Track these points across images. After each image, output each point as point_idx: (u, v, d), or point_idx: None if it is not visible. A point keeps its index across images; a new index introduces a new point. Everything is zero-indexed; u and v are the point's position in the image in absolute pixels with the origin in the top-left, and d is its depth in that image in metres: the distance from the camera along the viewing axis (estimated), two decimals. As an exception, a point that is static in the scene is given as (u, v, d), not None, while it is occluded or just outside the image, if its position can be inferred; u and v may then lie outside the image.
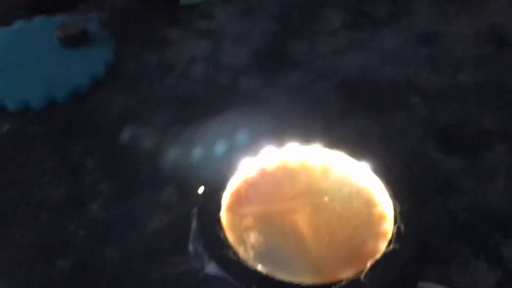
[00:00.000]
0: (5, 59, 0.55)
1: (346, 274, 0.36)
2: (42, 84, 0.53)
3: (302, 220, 0.40)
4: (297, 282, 0.35)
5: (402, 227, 0.39)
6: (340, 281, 0.35)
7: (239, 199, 0.42)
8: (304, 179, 0.44)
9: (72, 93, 0.52)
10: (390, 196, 0.41)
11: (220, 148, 0.47)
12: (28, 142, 0.49)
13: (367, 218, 0.41)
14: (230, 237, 0.38)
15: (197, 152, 0.48)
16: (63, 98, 0.52)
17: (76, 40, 0.56)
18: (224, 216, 0.40)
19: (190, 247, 0.38)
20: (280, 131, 0.49)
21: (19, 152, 0.48)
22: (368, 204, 0.42)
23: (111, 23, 0.63)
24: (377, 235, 0.39)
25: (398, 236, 0.38)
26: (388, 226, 0.40)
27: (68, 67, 0.55)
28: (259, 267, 0.36)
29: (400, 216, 0.39)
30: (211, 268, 0.36)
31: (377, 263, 0.36)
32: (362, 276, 0.36)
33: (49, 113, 0.51)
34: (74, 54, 0.56)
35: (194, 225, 0.39)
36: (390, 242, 0.38)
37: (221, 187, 0.41)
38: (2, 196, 0.44)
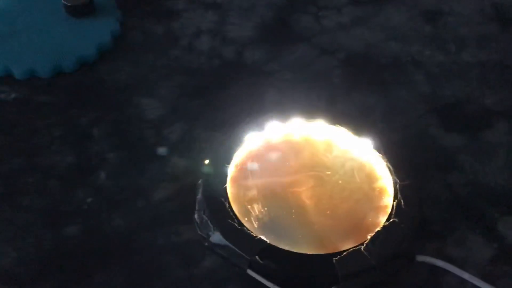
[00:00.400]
0: (11, 26, 0.55)
1: (347, 245, 0.37)
2: (48, 52, 0.53)
3: (305, 193, 0.41)
4: (299, 252, 0.37)
5: (402, 202, 0.40)
6: (341, 252, 0.37)
7: (244, 171, 0.43)
8: (308, 154, 0.44)
9: (79, 63, 0.53)
10: (391, 171, 0.42)
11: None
12: (35, 110, 0.49)
13: (368, 192, 0.42)
14: (235, 208, 0.39)
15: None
16: (70, 67, 0.52)
17: (83, 9, 0.56)
18: (229, 187, 0.41)
19: (196, 217, 0.39)
20: (285, 105, 0.50)
21: (27, 120, 0.48)
22: (369, 179, 0.43)
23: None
24: (378, 209, 0.41)
25: (397, 210, 0.39)
26: (388, 201, 0.41)
27: (74, 36, 0.55)
28: (263, 237, 0.37)
29: (400, 191, 0.40)
30: (216, 237, 0.38)
31: (377, 236, 0.38)
32: (362, 248, 0.37)
33: (56, 82, 0.52)
34: (80, 23, 0.56)
35: (199, 195, 0.40)
36: (390, 216, 0.39)
37: (226, 162, 0.42)
38: (11, 163, 0.45)
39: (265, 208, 0.40)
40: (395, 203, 0.40)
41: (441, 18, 0.61)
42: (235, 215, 0.39)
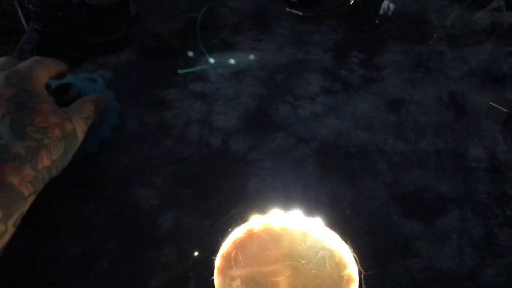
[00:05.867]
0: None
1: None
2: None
3: (283, 282, 0.48)
4: None
5: (366, 290, 0.46)
6: None
7: (229, 261, 0.49)
8: (286, 243, 0.51)
9: (80, 154, 0.59)
10: (356, 261, 0.49)
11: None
12: (43, 201, 0.55)
13: (337, 280, 0.49)
14: (222, 298, 0.46)
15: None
16: (74, 159, 0.58)
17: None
18: (216, 279, 0.47)
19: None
20: (265, 194, 0.57)
21: (37, 212, 0.54)
22: (338, 267, 0.50)
23: (114, 83, 0.69)
24: (345, 296, 0.47)
25: (362, 297, 0.46)
26: (355, 288, 0.47)
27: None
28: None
29: (364, 281, 0.47)
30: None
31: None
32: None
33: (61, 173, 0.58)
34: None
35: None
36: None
37: (213, 252, 0.49)
38: (22, 254, 0.50)
39: (248, 298, 0.46)
40: (360, 291, 0.46)
41: (403, 107, 0.69)
42: (222, 306, 0.45)
